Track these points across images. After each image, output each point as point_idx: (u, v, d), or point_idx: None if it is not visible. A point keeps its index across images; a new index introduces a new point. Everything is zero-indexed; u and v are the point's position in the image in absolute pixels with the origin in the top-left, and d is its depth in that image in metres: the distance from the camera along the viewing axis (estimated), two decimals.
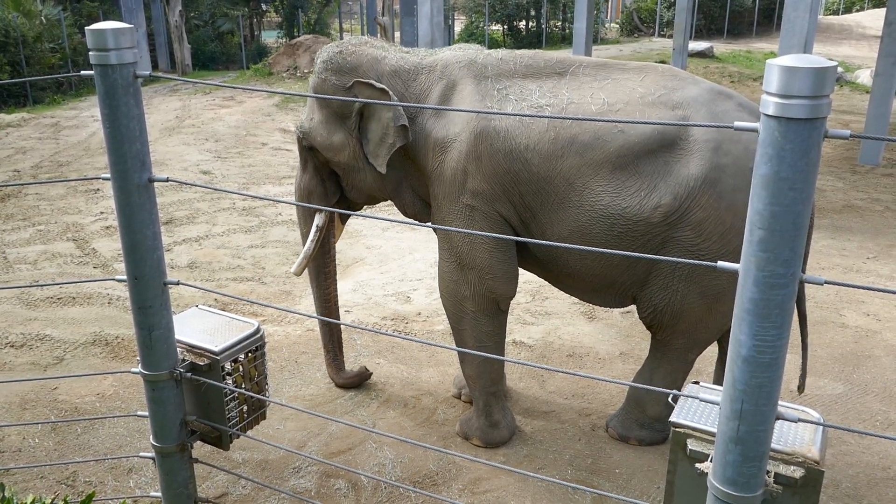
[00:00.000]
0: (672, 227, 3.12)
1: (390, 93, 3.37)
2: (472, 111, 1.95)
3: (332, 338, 4.18)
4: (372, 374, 4.35)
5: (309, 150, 3.75)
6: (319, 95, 2.24)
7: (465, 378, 3.74)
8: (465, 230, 2.17)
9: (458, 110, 2.57)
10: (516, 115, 1.93)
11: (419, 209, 3.71)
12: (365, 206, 4.13)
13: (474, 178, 3.29)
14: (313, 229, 3.83)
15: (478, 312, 3.52)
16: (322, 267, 4.04)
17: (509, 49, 3.53)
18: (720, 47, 20.65)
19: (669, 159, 3.09)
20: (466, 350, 2.36)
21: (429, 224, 3.27)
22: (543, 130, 3.19)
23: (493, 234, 1.76)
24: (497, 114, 2.39)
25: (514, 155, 3.21)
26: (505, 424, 3.76)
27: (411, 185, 3.64)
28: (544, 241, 2.30)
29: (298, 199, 3.96)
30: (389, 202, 3.86)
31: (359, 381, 4.28)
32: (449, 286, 3.55)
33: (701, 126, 1.69)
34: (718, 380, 3.80)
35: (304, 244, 3.95)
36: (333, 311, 4.16)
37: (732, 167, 3.05)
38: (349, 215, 4.13)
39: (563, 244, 1.73)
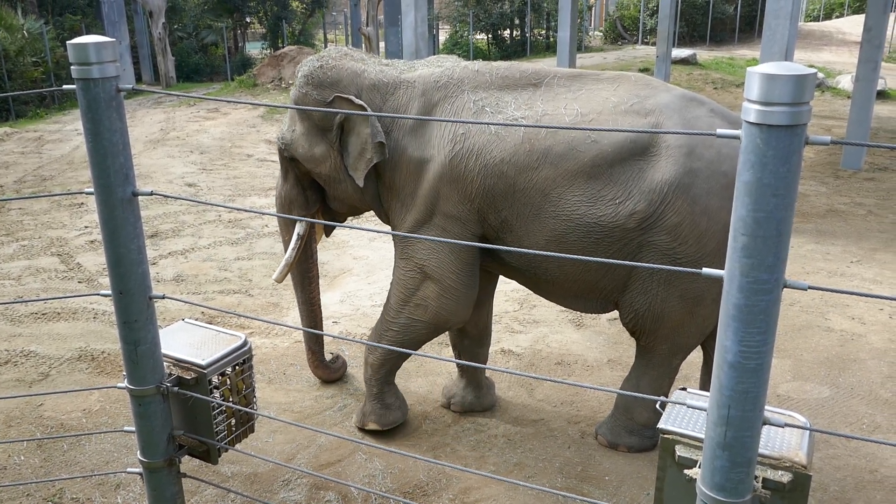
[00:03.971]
0: (647, 231, 3.15)
1: (369, 110, 3.41)
2: (449, 120, 1.96)
3: (318, 338, 4.28)
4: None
5: (290, 160, 3.78)
6: (303, 107, 2.24)
7: (366, 365, 3.79)
8: (450, 240, 2.18)
9: (436, 120, 2.60)
10: (489, 123, 1.95)
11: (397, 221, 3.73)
12: (349, 217, 4.15)
13: (448, 201, 3.34)
14: (294, 237, 3.87)
15: (420, 321, 3.56)
16: (306, 272, 4.11)
17: (485, 61, 3.57)
18: (703, 54, 20.82)
19: (643, 166, 3.13)
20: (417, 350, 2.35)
21: (424, 236, 3.26)
22: (518, 142, 3.23)
23: (468, 243, 1.77)
24: (468, 122, 2.40)
25: (489, 170, 3.25)
26: (397, 406, 3.85)
27: (383, 199, 3.66)
28: (519, 249, 2.29)
29: (279, 208, 4.00)
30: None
31: (344, 370, 4.49)
32: (403, 291, 3.57)
33: (684, 133, 1.71)
34: (705, 385, 3.82)
35: (285, 250, 4.00)
36: (318, 314, 4.24)
37: (706, 171, 3.09)
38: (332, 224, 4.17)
39: (539, 252, 1.74)
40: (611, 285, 3.37)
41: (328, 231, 4.16)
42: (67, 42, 1.83)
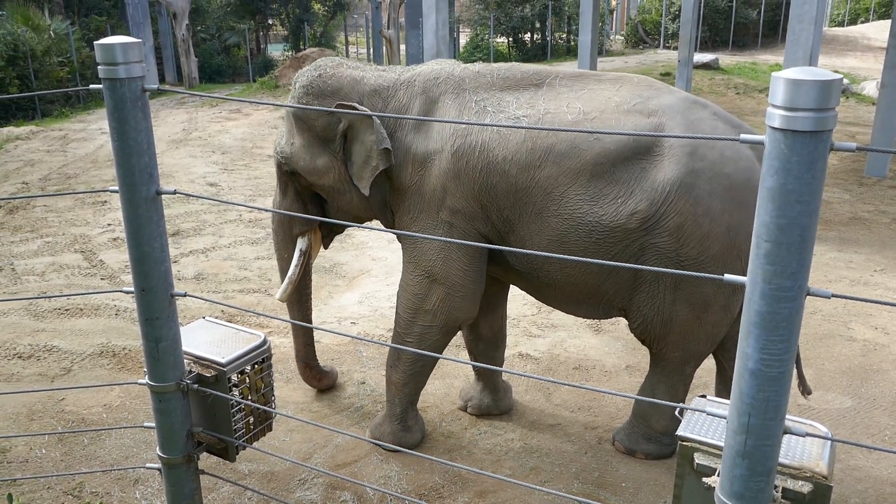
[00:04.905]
0: (649, 232, 3.13)
1: (374, 117, 3.33)
2: (453, 122, 1.96)
3: (313, 353, 4.20)
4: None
5: (290, 174, 3.69)
6: (309, 107, 2.25)
7: (389, 384, 3.74)
8: (456, 240, 2.18)
9: (439, 121, 2.55)
10: (495, 125, 1.93)
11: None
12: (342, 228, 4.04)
13: (453, 196, 3.32)
14: (297, 254, 3.80)
15: (433, 327, 3.53)
16: (303, 289, 3.99)
17: (485, 63, 3.55)
18: (725, 59, 20.66)
19: (646, 165, 3.12)
20: (418, 350, 2.36)
21: (432, 236, 3.25)
22: (521, 141, 3.21)
23: (472, 243, 1.76)
24: (476, 124, 2.39)
25: (492, 168, 3.24)
26: (417, 428, 3.83)
27: (389, 204, 3.61)
28: (523, 250, 2.26)
29: (278, 225, 3.88)
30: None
31: (335, 379, 4.43)
32: (411, 299, 3.54)
33: (708, 138, 1.69)
34: (719, 394, 3.79)
35: (281, 271, 3.94)
36: (310, 331, 4.16)
37: (708, 172, 3.07)
38: (330, 237, 4.04)
39: (544, 253, 1.73)
40: (613, 290, 3.34)
41: (326, 244, 4.05)
42: (95, 42, 1.85)
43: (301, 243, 3.81)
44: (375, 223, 4.08)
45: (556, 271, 3.36)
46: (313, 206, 3.80)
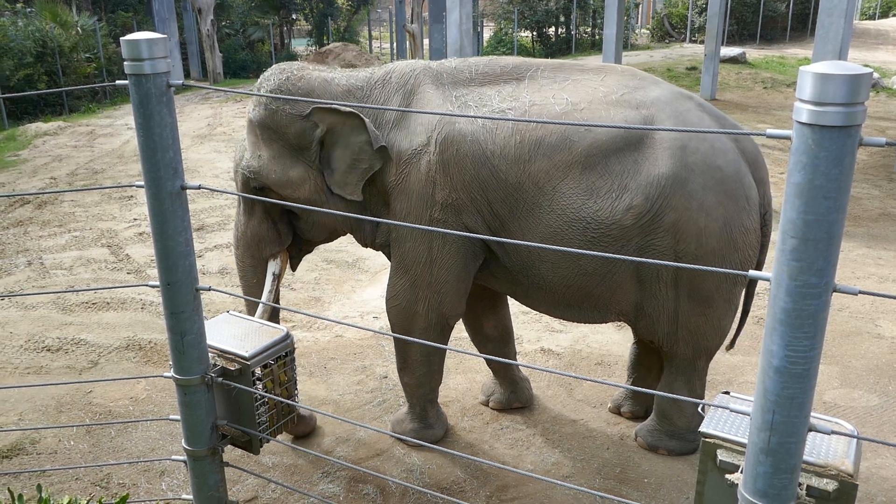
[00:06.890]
0: (644, 231, 3.07)
1: (360, 114, 3.20)
2: (440, 113, 1.93)
3: None
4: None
5: (258, 191, 3.48)
6: (328, 101, 2.25)
7: (404, 386, 3.72)
8: (447, 230, 2.16)
9: (423, 112, 2.41)
10: (487, 117, 1.90)
11: (382, 239, 3.52)
12: (324, 243, 3.85)
13: (443, 189, 3.21)
14: (269, 278, 3.59)
15: (427, 328, 3.47)
16: (272, 318, 3.69)
17: (462, 58, 3.47)
18: (753, 53, 20.41)
19: (638, 158, 3.07)
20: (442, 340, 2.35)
21: (430, 227, 3.10)
22: (508, 135, 3.14)
23: (464, 233, 1.75)
24: (463, 116, 2.34)
25: (482, 161, 3.16)
26: (439, 424, 3.81)
27: (371, 210, 3.46)
28: (514, 241, 2.19)
29: (244, 249, 3.60)
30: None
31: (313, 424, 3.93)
32: (401, 302, 3.46)
33: (729, 133, 1.68)
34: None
35: (246, 296, 3.63)
36: None
37: (701, 165, 3.03)
38: (299, 258, 3.82)
39: (534, 244, 1.71)
40: (608, 293, 3.26)
41: (294, 265, 3.84)
42: (121, 38, 1.87)
43: (273, 266, 3.59)
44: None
45: (549, 272, 3.25)
46: (283, 224, 3.58)
